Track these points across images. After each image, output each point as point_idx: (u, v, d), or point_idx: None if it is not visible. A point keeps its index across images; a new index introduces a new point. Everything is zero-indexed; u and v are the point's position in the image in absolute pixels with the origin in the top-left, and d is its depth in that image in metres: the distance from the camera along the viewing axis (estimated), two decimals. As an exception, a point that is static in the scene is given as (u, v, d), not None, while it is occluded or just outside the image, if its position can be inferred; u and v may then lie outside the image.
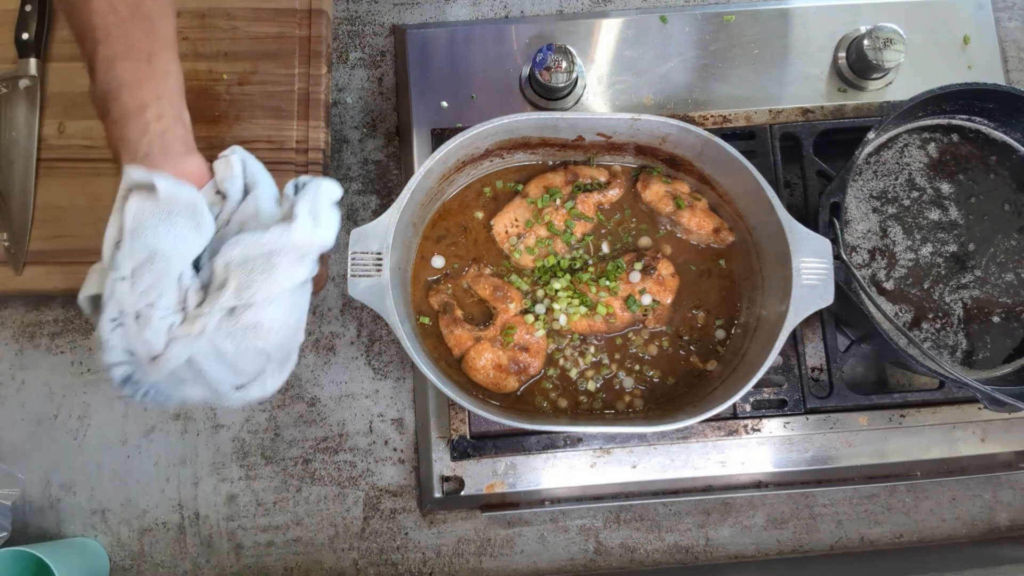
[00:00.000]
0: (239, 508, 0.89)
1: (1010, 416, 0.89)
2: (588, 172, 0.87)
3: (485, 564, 0.89)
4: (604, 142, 0.85)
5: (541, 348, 0.83)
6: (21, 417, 0.90)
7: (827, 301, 0.76)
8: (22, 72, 0.91)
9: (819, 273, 0.76)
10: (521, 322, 0.82)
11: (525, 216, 0.86)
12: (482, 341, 0.82)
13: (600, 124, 0.82)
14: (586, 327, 0.84)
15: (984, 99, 0.85)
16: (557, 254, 0.86)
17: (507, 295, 0.83)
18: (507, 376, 0.82)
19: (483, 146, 0.83)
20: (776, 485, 0.89)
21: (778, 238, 0.78)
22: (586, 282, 0.84)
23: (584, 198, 0.86)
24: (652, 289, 0.84)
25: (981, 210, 0.87)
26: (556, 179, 0.87)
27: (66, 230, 0.89)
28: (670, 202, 0.85)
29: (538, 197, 0.86)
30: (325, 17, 0.93)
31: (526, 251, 0.85)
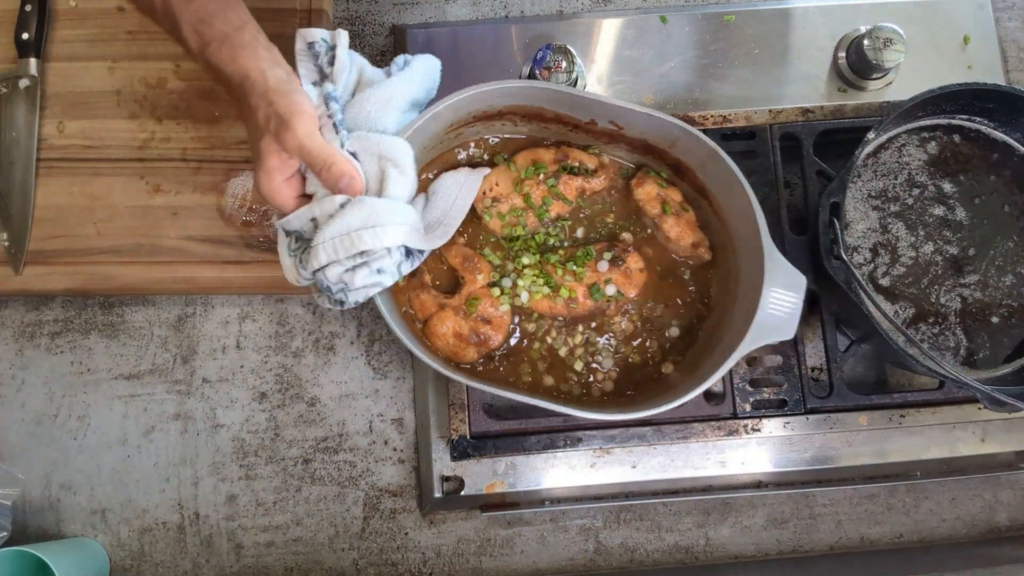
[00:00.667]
0: (239, 508, 0.89)
1: (1010, 416, 0.89)
2: (579, 156, 0.86)
3: (485, 564, 0.89)
4: (615, 131, 0.84)
5: (503, 323, 0.82)
6: (21, 417, 0.90)
7: (787, 335, 0.76)
8: (22, 72, 0.91)
9: (787, 307, 0.76)
10: (487, 294, 0.82)
11: (507, 183, 0.85)
12: (446, 308, 0.81)
13: (614, 111, 0.81)
14: (546, 307, 0.83)
15: (984, 99, 0.85)
16: (527, 227, 0.85)
17: (476, 266, 0.83)
18: (467, 346, 0.81)
19: (498, 105, 0.82)
20: (776, 485, 0.89)
21: (757, 265, 0.77)
22: (553, 263, 0.84)
23: (567, 180, 0.86)
24: (618, 280, 0.84)
25: (981, 210, 0.87)
26: (545, 155, 0.86)
27: (66, 230, 0.89)
28: (658, 205, 0.85)
29: (523, 168, 0.86)
30: (325, 17, 0.93)
31: (497, 216, 0.85)
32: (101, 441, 0.90)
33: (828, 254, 0.80)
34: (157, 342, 0.92)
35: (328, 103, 0.73)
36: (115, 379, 0.91)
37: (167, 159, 0.91)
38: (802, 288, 0.77)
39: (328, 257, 0.70)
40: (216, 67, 0.70)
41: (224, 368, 0.91)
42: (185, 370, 0.91)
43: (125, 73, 0.92)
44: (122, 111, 0.92)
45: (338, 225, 0.70)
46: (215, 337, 0.92)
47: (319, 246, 0.70)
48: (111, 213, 0.90)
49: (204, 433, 0.90)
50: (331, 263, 0.71)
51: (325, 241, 0.70)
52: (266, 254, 0.89)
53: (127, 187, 0.90)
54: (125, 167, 0.91)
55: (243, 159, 0.91)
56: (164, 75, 0.92)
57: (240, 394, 0.91)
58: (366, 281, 0.71)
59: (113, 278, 0.89)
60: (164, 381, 0.91)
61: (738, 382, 0.87)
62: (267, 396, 0.91)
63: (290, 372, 0.91)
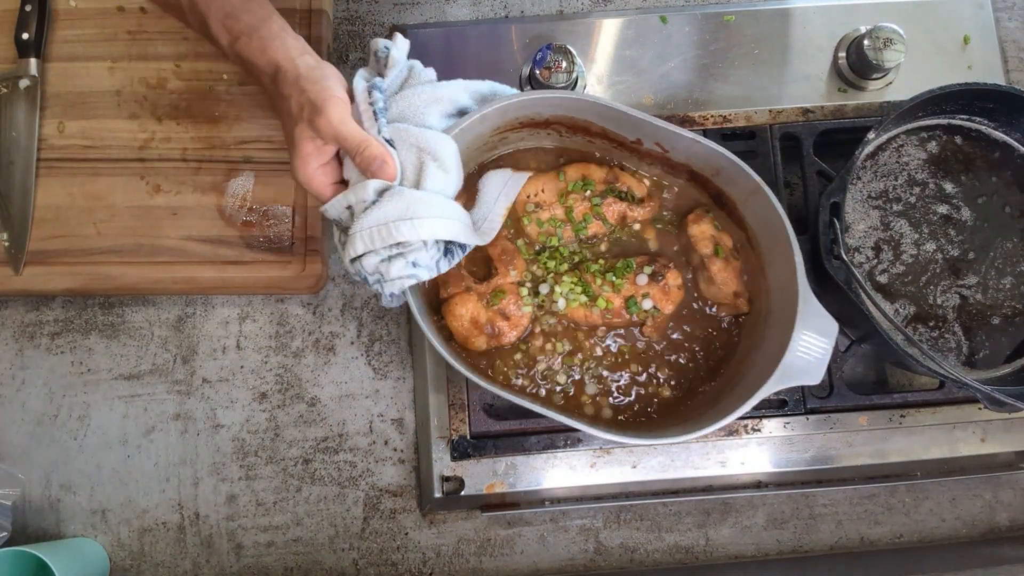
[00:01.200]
0: (239, 508, 0.89)
1: (1010, 416, 0.89)
2: (629, 181, 0.86)
3: (485, 564, 0.89)
4: (660, 153, 0.84)
5: (520, 323, 0.82)
6: (21, 417, 0.90)
7: (814, 380, 0.76)
8: (22, 72, 0.91)
9: (816, 352, 0.76)
10: (514, 291, 0.82)
11: (552, 192, 0.85)
12: (471, 292, 0.81)
13: (661, 133, 0.80)
14: (582, 316, 0.83)
15: (984, 99, 0.85)
16: (562, 239, 0.85)
17: (512, 262, 0.83)
18: (480, 334, 0.81)
19: (545, 114, 0.82)
20: (776, 485, 0.89)
21: (790, 305, 0.77)
22: (592, 273, 0.84)
23: (612, 202, 0.85)
24: (655, 296, 0.83)
25: (981, 210, 0.87)
26: (597, 172, 0.86)
27: (66, 230, 0.89)
28: (711, 246, 0.84)
29: (572, 181, 0.86)
30: (325, 17, 0.93)
31: (536, 222, 0.85)
32: (101, 441, 0.90)
33: (828, 254, 0.80)
34: (157, 342, 0.92)
35: (371, 92, 0.73)
36: (115, 379, 0.91)
37: (167, 159, 0.91)
38: (833, 334, 0.76)
39: (364, 246, 0.70)
40: (248, 60, 0.72)
41: (224, 368, 0.91)
42: (185, 370, 0.91)
43: (125, 73, 0.92)
44: (122, 111, 0.92)
45: (375, 215, 0.70)
46: (215, 337, 0.92)
47: (356, 234, 0.70)
48: (111, 213, 0.90)
49: (204, 433, 0.90)
50: (368, 252, 0.71)
51: (362, 230, 0.70)
52: (266, 254, 0.89)
53: (127, 187, 0.90)
54: (125, 167, 0.91)
55: (243, 159, 0.91)
56: (164, 75, 0.92)
57: (240, 394, 0.91)
58: (401, 272, 0.71)
59: (113, 278, 0.89)
60: (164, 381, 0.91)
61: (738, 382, 0.87)
62: (267, 396, 0.91)
63: (290, 372, 0.91)
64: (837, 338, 0.87)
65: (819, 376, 0.76)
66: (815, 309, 0.76)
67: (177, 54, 0.92)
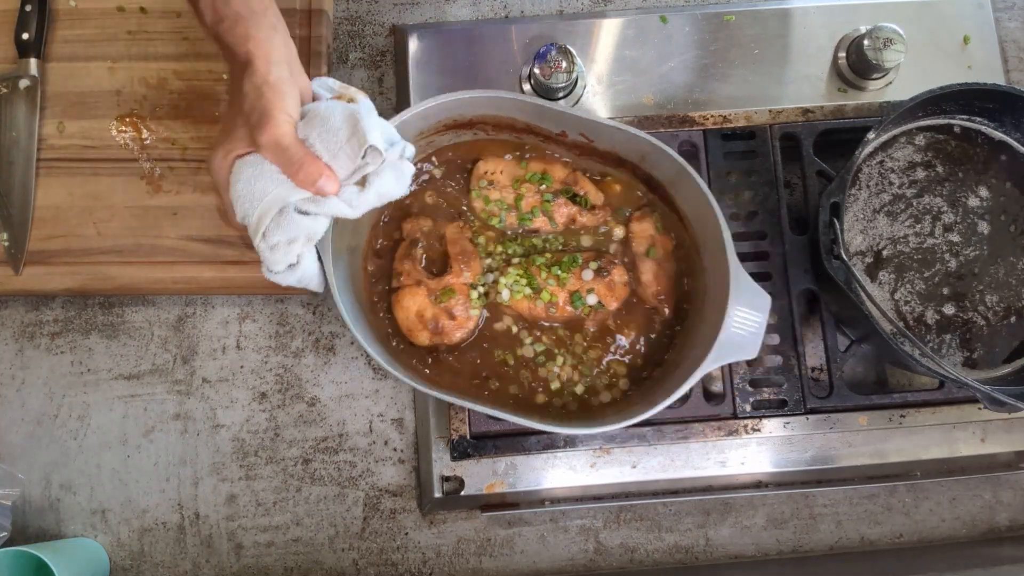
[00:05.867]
0: (239, 508, 0.89)
1: (1010, 416, 0.89)
2: (588, 187, 0.86)
3: (485, 564, 0.89)
4: (586, 143, 0.84)
5: (467, 324, 0.82)
6: (21, 417, 0.90)
7: (750, 355, 0.76)
8: (22, 72, 0.91)
9: (751, 326, 0.76)
10: (464, 292, 0.82)
11: (508, 176, 0.86)
12: (421, 286, 0.82)
13: (583, 124, 0.81)
14: (525, 308, 0.83)
15: (984, 99, 0.85)
16: (503, 222, 0.86)
17: (469, 263, 0.83)
18: (423, 329, 0.81)
19: (468, 115, 0.83)
20: (776, 485, 0.89)
21: (724, 282, 0.77)
22: (538, 265, 0.84)
23: (563, 204, 0.85)
24: (600, 291, 0.83)
25: (982, 210, 0.87)
26: (558, 171, 0.86)
27: (66, 230, 0.89)
28: (645, 245, 0.85)
29: (532, 172, 0.86)
30: (325, 17, 0.93)
31: (483, 199, 0.85)
32: (101, 441, 0.90)
33: (828, 254, 0.80)
34: (157, 342, 0.92)
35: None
36: (115, 379, 0.91)
37: (167, 159, 0.91)
38: (766, 308, 0.77)
39: None
40: (226, 43, 0.71)
41: (224, 368, 0.91)
42: (185, 370, 0.91)
43: (125, 73, 0.92)
44: (122, 111, 0.92)
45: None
46: (215, 337, 0.92)
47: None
48: (111, 213, 0.90)
49: (204, 433, 0.90)
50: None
51: None
52: (266, 254, 0.89)
53: (127, 187, 0.90)
54: (125, 167, 0.91)
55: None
56: (164, 75, 0.92)
57: (240, 394, 0.91)
58: None
59: (113, 278, 0.89)
60: (164, 381, 0.91)
61: (738, 382, 0.87)
62: (267, 396, 0.91)
63: (290, 372, 0.91)
64: (837, 338, 0.88)
65: (755, 350, 0.76)
66: (747, 284, 0.77)
67: (177, 54, 0.92)
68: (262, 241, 0.71)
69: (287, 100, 0.69)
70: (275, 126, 0.68)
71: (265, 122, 0.68)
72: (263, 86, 0.68)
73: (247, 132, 0.69)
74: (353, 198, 0.72)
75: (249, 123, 0.69)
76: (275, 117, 0.68)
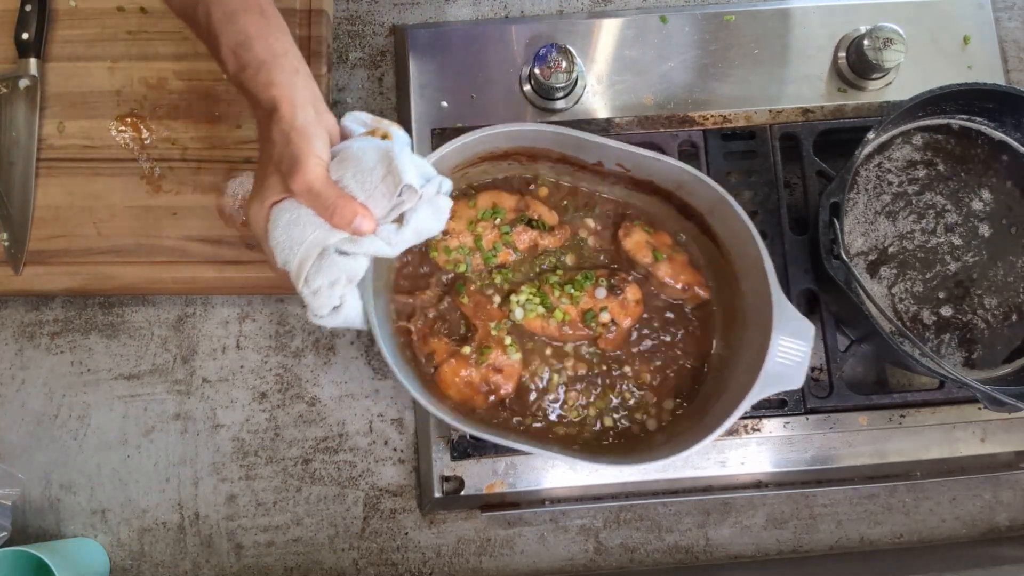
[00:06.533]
0: (239, 508, 0.89)
1: (1010, 416, 0.89)
2: (540, 210, 0.85)
3: (485, 564, 0.89)
4: (622, 173, 0.83)
5: (515, 371, 0.81)
6: (21, 417, 0.90)
7: (795, 385, 0.75)
8: (22, 72, 0.91)
9: (796, 356, 0.75)
10: (499, 341, 0.81)
11: (462, 219, 0.83)
12: (457, 356, 0.80)
13: (621, 155, 0.80)
14: (538, 327, 0.82)
15: (984, 99, 0.85)
16: (470, 267, 0.84)
17: (488, 312, 0.82)
18: (477, 395, 0.80)
19: (504, 146, 0.82)
20: (776, 485, 0.89)
21: (765, 310, 0.76)
22: (551, 284, 0.83)
23: (522, 231, 0.84)
24: (613, 310, 0.82)
25: (981, 209, 0.87)
26: (508, 200, 0.85)
27: (66, 230, 0.89)
28: (649, 253, 0.84)
29: (483, 208, 0.84)
30: (325, 17, 0.93)
31: (443, 250, 0.83)
32: (101, 441, 0.90)
33: (828, 254, 0.80)
34: (157, 342, 0.92)
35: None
36: (115, 379, 0.91)
37: (167, 159, 0.91)
38: (810, 336, 0.76)
39: None
40: (250, 92, 0.70)
41: (224, 368, 0.91)
42: (185, 370, 0.91)
43: (125, 73, 0.92)
44: (122, 111, 0.92)
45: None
46: (215, 337, 0.92)
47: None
48: (111, 213, 0.90)
49: (204, 433, 0.90)
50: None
51: None
52: (266, 254, 0.89)
53: (127, 187, 0.90)
54: (125, 167, 0.91)
55: (243, 159, 0.91)
56: (164, 75, 0.92)
57: (240, 394, 0.91)
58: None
59: (113, 278, 0.89)
60: (164, 381, 0.91)
61: (738, 382, 0.87)
62: (267, 396, 0.91)
63: (290, 372, 0.91)
64: (837, 338, 0.88)
65: (800, 380, 0.75)
66: (790, 313, 0.76)
67: (177, 54, 0.92)
68: (304, 286, 0.70)
69: (315, 143, 0.68)
70: (306, 171, 0.67)
71: (296, 168, 0.67)
72: (290, 132, 0.68)
73: (279, 179, 0.69)
74: (391, 236, 0.71)
75: (280, 170, 0.68)
76: (305, 162, 0.67)
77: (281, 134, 0.68)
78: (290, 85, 0.69)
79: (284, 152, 0.68)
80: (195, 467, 0.90)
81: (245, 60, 0.69)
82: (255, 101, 0.70)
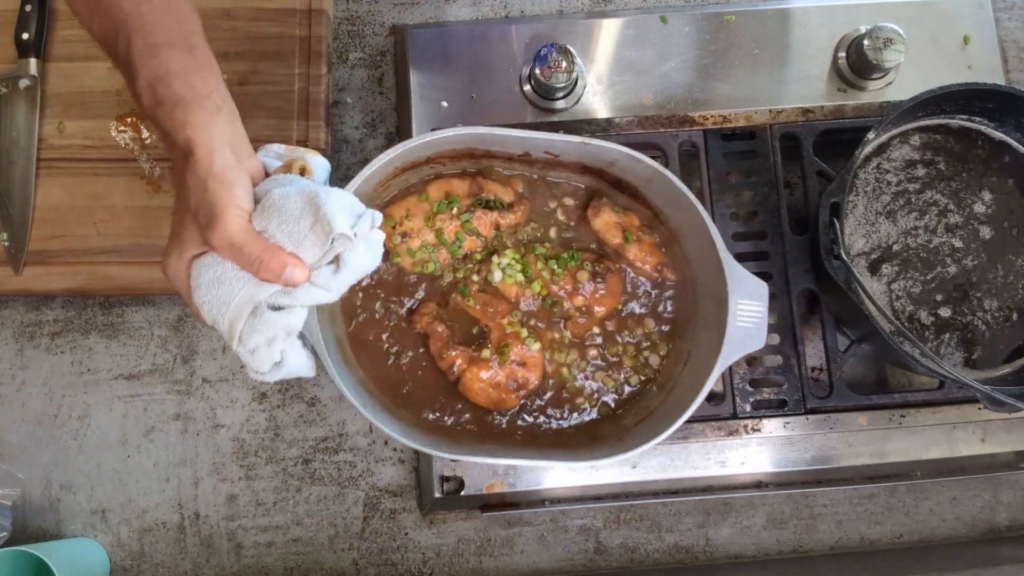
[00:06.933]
0: (239, 508, 0.89)
1: (1010, 416, 0.89)
2: (494, 188, 0.83)
3: (485, 564, 0.89)
4: (551, 159, 0.82)
5: (538, 361, 0.81)
6: (21, 417, 0.90)
7: (758, 345, 0.76)
8: (22, 72, 0.91)
9: (755, 317, 0.76)
10: (515, 337, 0.81)
11: (419, 216, 0.82)
12: (477, 362, 0.80)
13: (548, 144, 0.80)
14: (513, 294, 0.82)
15: (984, 99, 0.85)
16: (438, 264, 0.82)
17: (497, 310, 0.81)
18: (507, 394, 0.80)
19: (425, 154, 0.80)
20: (776, 485, 0.89)
21: (717, 277, 0.77)
22: (537, 255, 0.82)
23: (482, 215, 0.82)
24: (591, 295, 0.82)
25: (982, 209, 0.87)
26: (459, 187, 0.83)
27: (66, 230, 0.89)
28: (619, 234, 0.83)
29: (436, 201, 0.82)
30: (325, 17, 0.93)
31: (407, 253, 0.81)
32: (101, 441, 0.90)
33: (828, 254, 0.80)
34: (157, 342, 0.92)
35: None
36: (115, 379, 0.91)
37: (167, 159, 0.91)
38: (765, 296, 0.76)
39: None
40: (165, 131, 0.64)
41: (224, 368, 0.91)
42: (185, 370, 0.91)
43: (125, 73, 0.92)
44: (122, 111, 0.92)
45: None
46: (215, 337, 0.92)
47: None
48: (111, 213, 0.90)
49: (204, 433, 0.90)
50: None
51: None
52: (266, 254, 0.89)
53: (127, 187, 0.90)
54: (125, 167, 0.91)
55: (243, 159, 0.91)
56: (164, 75, 0.92)
57: (240, 394, 0.91)
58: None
59: (113, 278, 0.89)
60: (164, 381, 0.91)
61: (738, 382, 0.87)
62: (267, 396, 0.91)
63: (290, 372, 0.91)
64: (837, 338, 0.88)
65: (762, 340, 0.76)
66: (742, 276, 0.76)
67: (177, 54, 0.92)
68: (240, 346, 0.65)
69: (235, 191, 0.62)
70: (225, 224, 0.61)
71: (215, 221, 0.61)
72: (207, 179, 0.61)
73: (197, 231, 0.63)
74: (329, 281, 0.65)
75: (198, 222, 0.63)
76: (223, 214, 0.61)
77: (197, 181, 0.62)
78: (208, 125, 0.62)
79: (201, 201, 0.62)
80: (195, 467, 0.90)
81: (162, 96, 0.62)
82: (171, 141, 0.64)
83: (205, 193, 0.62)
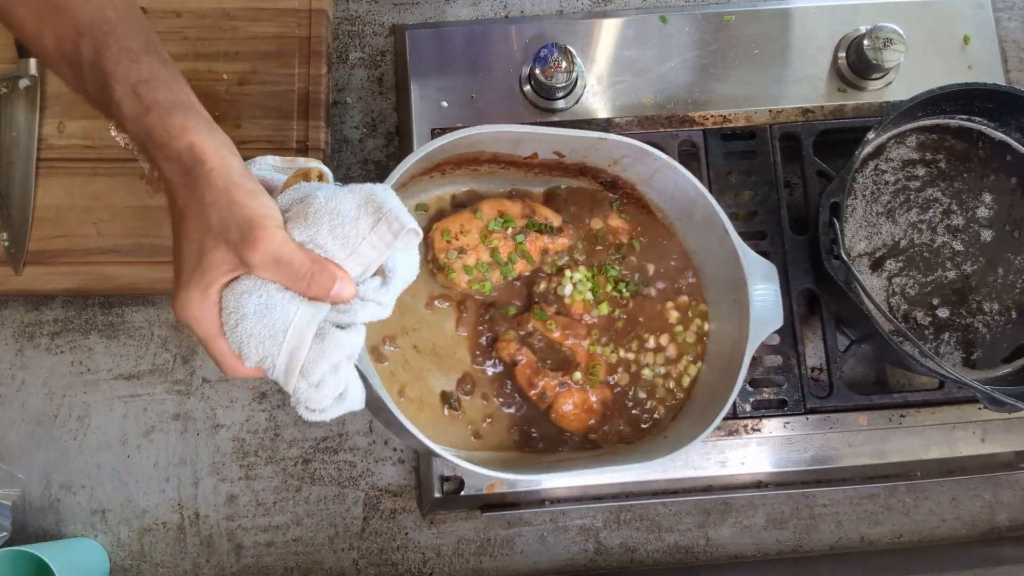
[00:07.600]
0: (239, 508, 0.89)
1: (1010, 416, 0.89)
2: (545, 212, 0.82)
3: (485, 564, 0.89)
4: (555, 161, 0.81)
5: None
6: (21, 417, 0.90)
7: (778, 324, 0.77)
8: (22, 72, 0.91)
9: (771, 297, 0.77)
10: (599, 358, 0.80)
11: (474, 233, 0.79)
12: (568, 388, 0.78)
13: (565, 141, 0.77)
14: (580, 311, 0.81)
15: (984, 99, 0.85)
16: (492, 284, 0.79)
17: (577, 332, 0.79)
18: (595, 415, 0.79)
19: (436, 158, 0.76)
20: (776, 485, 0.89)
21: (726, 265, 0.78)
22: (607, 276, 0.82)
23: (534, 238, 0.81)
24: None
25: (982, 209, 0.87)
26: (513, 208, 0.81)
27: (66, 230, 0.89)
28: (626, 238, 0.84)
29: (490, 219, 0.80)
30: (325, 17, 0.93)
31: (463, 270, 0.77)
32: (101, 441, 0.90)
33: (828, 254, 0.80)
34: (157, 342, 0.92)
35: None
36: (115, 379, 0.91)
37: (167, 159, 0.91)
38: (775, 277, 0.78)
39: None
40: (156, 138, 0.56)
41: (224, 368, 0.91)
42: (185, 370, 0.91)
43: (125, 73, 0.92)
44: (122, 111, 0.91)
45: None
46: (215, 337, 0.92)
47: None
48: (111, 213, 0.90)
49: (204, 433, 0.90)
50: None
51: None
52: (266, 254, 0.89)
53: (127, 187, 0.90)
54: (125, 167, 0.91)
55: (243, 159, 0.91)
56: (164, 75, 0.92)
57: (240, 394, 0.91)
58: None
59: (113, 278, 0.89)
60: (164, 381, 0.91)
61: (738, 382, 0.87)
62: (267, 396, 0.91)
63: (290, 372, 0.91)
64: (837, 338, 0.88)
65: (780, 319, 0.78)
66: (756, 260, 0.78)
67: (177, 54, 0.92)
68: (301, 381, 0.56)
69: (264, 199, 0.56)
70: (269, 237, 0.54)
71: (253, 236, 0.53)
72: (231, 190, 0.54)
73: (228, 253, 0.54)
74: (380, 294, 0.58)
75: (229, 240, 0.54)
76: (264, 226, 0.54)
77: (217, 193, 0.54)
78: (212, 131, 0.56)
79: (229, 216, 0.54)
80: (195, 467, 0.90)
81: (150, 100, 0.56)
82: (164, 153, 0.56)
83: (232, 206, 0.54)
